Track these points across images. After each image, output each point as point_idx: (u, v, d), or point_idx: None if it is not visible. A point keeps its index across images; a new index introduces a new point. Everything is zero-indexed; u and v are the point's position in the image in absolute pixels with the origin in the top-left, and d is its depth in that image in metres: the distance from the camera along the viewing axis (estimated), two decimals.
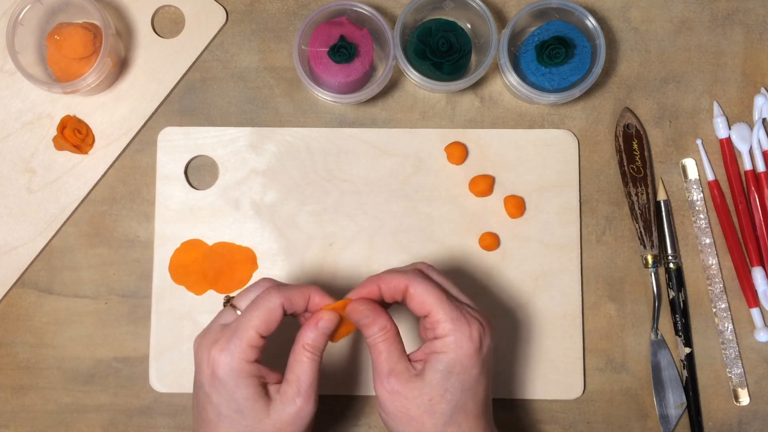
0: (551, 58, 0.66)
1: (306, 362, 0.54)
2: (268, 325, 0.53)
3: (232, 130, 0.70)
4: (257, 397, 0.53)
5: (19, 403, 0.68)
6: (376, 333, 0.55)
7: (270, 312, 0.53)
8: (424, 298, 0.54)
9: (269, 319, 0.53)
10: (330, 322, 0.55)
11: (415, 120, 0.71)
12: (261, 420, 0.53)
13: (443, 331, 0.53)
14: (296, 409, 0.53)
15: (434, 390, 0.53)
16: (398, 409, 0.53)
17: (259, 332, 0.53)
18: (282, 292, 0.54)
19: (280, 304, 0.54)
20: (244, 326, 0.53)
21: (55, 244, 0.70)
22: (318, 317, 0.55)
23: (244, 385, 0.53)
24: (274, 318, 0.54)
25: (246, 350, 0.53)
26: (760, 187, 0.69)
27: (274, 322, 0.54)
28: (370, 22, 0.67)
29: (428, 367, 0.53)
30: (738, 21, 0.72)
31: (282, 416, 0.53)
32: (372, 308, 0.55)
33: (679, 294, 0.69)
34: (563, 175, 0.70)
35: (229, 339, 0.53)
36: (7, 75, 0.70)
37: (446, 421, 0.53)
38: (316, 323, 0.54)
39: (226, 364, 0.53)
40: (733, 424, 0.68)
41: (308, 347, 0.54)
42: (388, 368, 0.54)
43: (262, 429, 0.53)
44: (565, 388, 0.68)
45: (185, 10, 0.71)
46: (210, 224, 0.69)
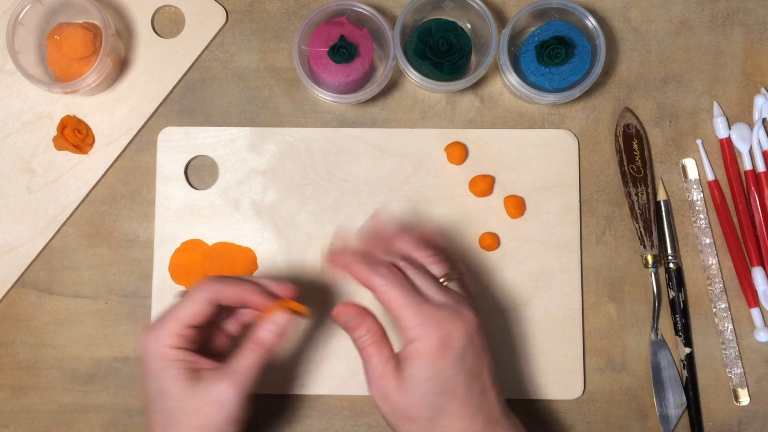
0: (551, 58, 0.66)
1: (249, 355, 0.55)
2: (195, 317, 0.55)
3: (232, 130, 0.70)
4: (180, 378, 0.54)
5: (19, 403, 0.68)
6: (363, 335, 0.55)
7: (195, 304, 0.55)
8: (390, 304, 0.54)
9: (195, 311, 0.55)
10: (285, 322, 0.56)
11: (415, 120, 0.71)
12: (183, 400, 0.54)
13: (409, 336, 0.54)
14: (219, 391, 0.54)
15: (413, 394, 0.54)
16: (390, 412, 0.55)
17: (185, 322, 0.55)
18: (213, 286, 0.56)
19: (206, 298, 0.55)
20: (171, 315, 0.55)
21: (55, 244, 0.70)
22: (274, 316, 0.56)
23: (167, 368, 0.54)
24: (199, 310, 0.55)
25: (170, 337, 0.54)
26: (760, 187, 0.69)
27: (201, 314, 0.55)
28: (370, 22, 0.67)
29: (406, 368, 0.54)
30: (738, 21, 0.72)
31: (204, 396, 0.54)
32: (357, 311, 0.56)
33: (679, 294, 0.69)
34: (563, 175, 0.70)
35: (156, 325, 0.55)
36: (7, 75, 0.70)
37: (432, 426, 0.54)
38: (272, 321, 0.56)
39: (151, 349, 0.55)
40: (733, 424, 0.68)
41: (258, 342, 0.55)
42: (379, 372, 0.54)
43: (185, 408, 0.54)
44: (565, 388, 0.68)
45: (185, 10, 0.71)
46: (210, 224, 0.69)
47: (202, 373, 0.55)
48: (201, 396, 0.54)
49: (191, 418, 0.54)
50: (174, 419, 0.54)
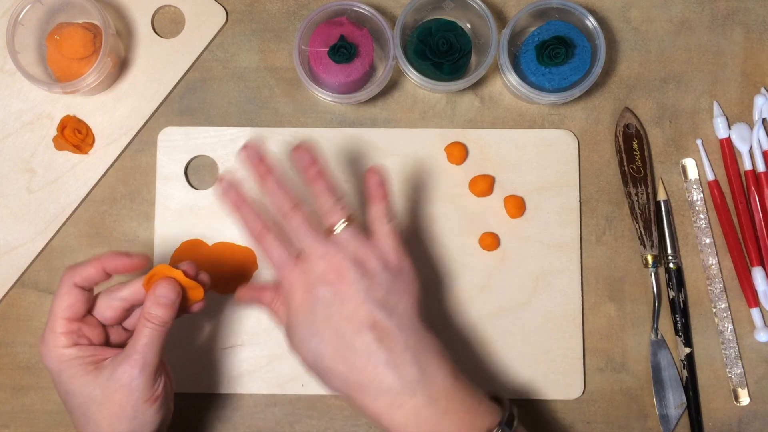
0: (551, 58, 0.66)
1: (145, 333, 0.54)
2: (70, 308, 0.55)
3: (232, 130, 0.70)
4: (80, 374, 0.54)
5: (19, 403, 0.68)
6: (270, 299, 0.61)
7: (65, 295, 0.55)
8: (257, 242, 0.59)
9: (68, 303, 0.55)
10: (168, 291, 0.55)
11: (415, 120, 0.71)
12: (90, 393, 0.54)
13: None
14: (121, 375, 0.53)
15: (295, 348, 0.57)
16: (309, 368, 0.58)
17: (64, 317, 0.54)
18: (72, 271, 0.55)
19: (71, 284, 0.55)
20: (51, 316, 0.55)
21: (55, 244, 0.70)
22: (156, 287, 0.55)
23: (65, 368, 0.54)
24: (72, 300, 0.55)
25: (58, 337, 0.54)
26: (760, 187, 0.69)
27: (75, 303, 0.55)
28: (370, 22, 0.67)
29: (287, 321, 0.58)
30: (738, 21, 0.72)
31: (108, 384, 0.54)
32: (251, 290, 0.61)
33: (679, 294, 0.69)
34: (563, 175, 0.70)
35: (44, 331, 0.55)
36: (7, 75, 0.70)
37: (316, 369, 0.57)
38: (155, 292, 0.55)
39: (45, 356, 0.55)
40: (733, 424, 0.68)
41: (149, 317, 0.54)
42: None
43: (94, 399, 0.54)
44: (565, 388, 0.68)
45: (185, 10, 0.71)
46: (210, 224, 0.69)
47: (104, 363, 0.55)
48: (105, 384, 0.54)
49: (103, 408, 0.54)
50: (88, 414, 0.54)
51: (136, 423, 0.54)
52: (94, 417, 0.54)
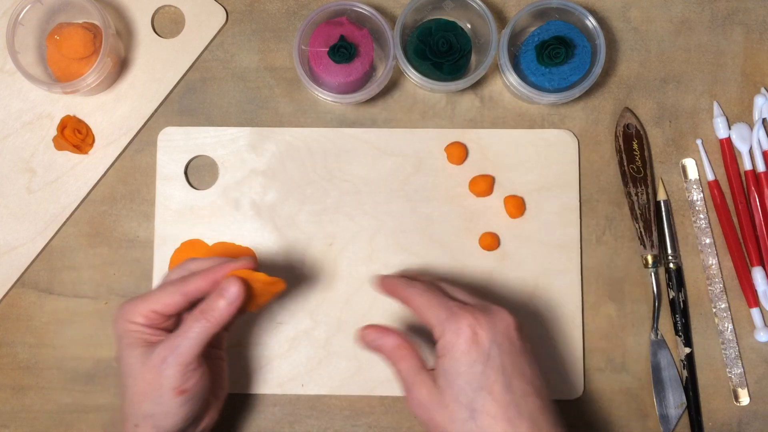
0: (551, 58, 0.66)
1: (191, 324, 0.55)
2: (165, 307, 0.56)
3: (232, 130, 0.70)
4: (134, 345, 0.55)
5: (19, 403, 0.68)
6: (391, 352, 0.56)
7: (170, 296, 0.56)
8: (420, 310, 0.56)
9: (166, 302, 0.56)
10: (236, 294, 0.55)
11: (415, 120, 0.71)
12: (133, 365, 0.55)
13: (437, 334, 0.55)
14: (156, 357, 0.54)
15: (446, 396, 0.53)
16: (427, 421, 0.54)
17: (153, 308, 0.56)
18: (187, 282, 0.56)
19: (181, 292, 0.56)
20: (144, 298, 0.56)
21: (55, 244, 0.70)
22: (225, 285, 0.56)
23: (125, 336, 0.56)
24: (173, 303, 0.56)
25: (134, 314, 0.56)
26: (760, 187, 0.69)
27: (173, 305, 0.56)
28: (370, 22, 0.67)
29: (438, 372, 0.54)
30: (738, 21, 0.72)
31: (146, 362, 0.55)
32: (379, 331, 0.57)
33: (679, 294, 0.69)
34: (563, 175, 0.70)
35: (130, 301, 0.57)
36: (7, 75, 0.70)
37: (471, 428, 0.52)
38: (221, 292, 0.55)
39: (116, 319, 0.57)
40: (733, 424, 0.68)
41: (203, 311, 0.55)
42: (411, 381, 0.55)
43: (133, 373, 0.55)
44: (565, 388, 0.68)
45: (185, 10, 0.71)
46: (210, 224, 0.69)
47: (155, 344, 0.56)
48: (144, 361, 0.55)
49: (136, 383, 0.55)
50: (126, 384, 0.56)
51: (158, 409, 0.55)
52: (129, 389, 0.56)
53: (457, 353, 0.53)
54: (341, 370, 0.68)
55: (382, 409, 0.68)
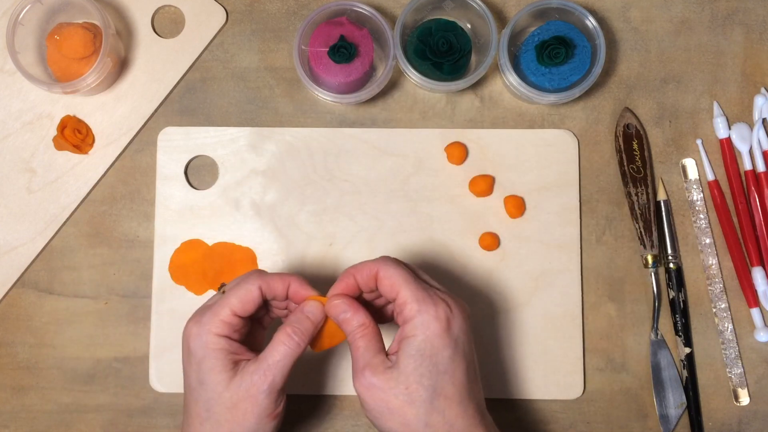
0: (551, 58, 0.66)
1: (279, 348, 0.55)
2: (244, 305, 0.55)
3: (232, 130, 0.70)
4: (220, 370, 0.54)
5: (19, 403, 0.68)
6: (354, 329, 0.55)
7: (247, 292, 0.55)
8: (392, 280, 0.55)
9: (245, 299, 0.55)
10: (316, 309, 0.56)
11: (415, 120, 0.71)
12: (220, 393, 0.54)
13: (410, 312, 0.54)
14: (252, 386, 0.54)
15: (409, 377, 0.53)
16: (378, 404, 0.53)
17: (234, 310, 0.55)
18: (262, 276, 0.56)
19: (257, 286, 0.56)
20: (221, 304, 0.55)
21: (55, 244, 0.70)
22: (305, 304, 0.56)
23: (211, 357, 0.54)
24: (250, 298, 0.55)
25: (217, 324, 0.55)
26: (760, 187, 0.69)
27: (251, 302, 0.55)
28: (370, 22, 0.67)
29: (401, 355, 0.53)
30: (738, 21, 0.72)
31: (238, 390, 0.54)
32: (350, 304, 0.56)
33: (679, 294, 0.69)
34: (563, 175, 0.70)
35: (203, 313, 0.55)
36: (7, 75, 0.70)
37: (427, 409, 0.53)
38: (302, 309, 0.56)
39: (196, 336, 0.55)
40: (733, 424, 0.68)
41: (291, 330, 0.55)
42: (363, 363, 0.54)
43: (222, 401, 0.54)
44: (565, 388, 0.68)
45: (185, 10, 0.71)
46: (210, 224, 0.69)
47: (240, 365, 0.55)
48: (236, 389, 0.54)
49: (227, 412, 0.54)
50: (212, 411, 0.54)
51: None
52: (217, 416, 0.54)
53: (431, 336, 0.53)
54: (341, 370, 0.68)
55: None
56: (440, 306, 0.54)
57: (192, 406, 0.55)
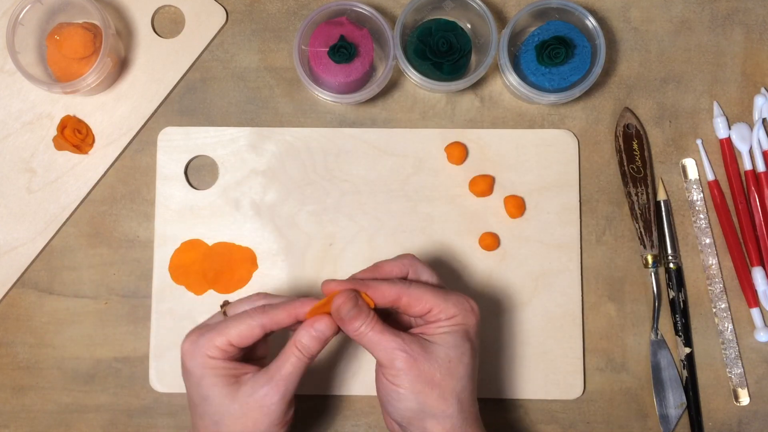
0: (551, 58, 0.66)
1: (292, 360, 0.55)
2: (242, 339, 0.55)
3: (232, 130, 0.70)
4: (223, 385, 0.54)
5: (19, 403, 0.68)
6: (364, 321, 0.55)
7: (248, 329, 0.55)
8: (421, 300, 0.55)
9: (244, 335, 0.55)
10: (327, 328, 0.55)
11: (415, 120, 0.71)
12: (228, 405, 0.54)
13: (450, 313, 0.55)
14: (263, 396, 0.54)
15: (452, 351, 0.55)
16: (418, 378, 0.54)
17: (231, 341, 0.55)
18: (267, 313, 0.55)
19: (260, 324, 0.55)
20: (219, 331, 0.55)
21: (55, 244, 0.70)
22: (315, 320, 0.55)
23: (209, 375, 0.55)
24: (250, 335, 0.55)
25: (212, 348, 0.55)
26: (760, 187, 0.69)
27: (250, 338, 0.55)
28: (370, 22, 0.67)
29: (440, 336, 0.55)
30: (738, 21, 0.72)
31: (248, 401, 0.54)
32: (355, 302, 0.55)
33: (679, 294, 0.69)
34: (563, 175, 0.70)
35: (201, 334, 0.55)
36: (7, 75, 0.70)
37: (464, 385, 0.55)
38: (312, 325, 0.55)
39: (191, 356, 0.55)
40: (733, 424, 0.68)
41: (300, 346, 0.55)
42: (397, 343, 0.54)
43: (230, 412, 0.54)
44: (565, 388, 0.68)
45: (185, 10, 0.71)
46: (210, 224, 0.69)
47: (243, 378, 0.55)
48: (245, 401, 0.54)
49: (238, 422, 0.54)
50: (221, 424, 0.55)
51: None
52: (228, 429, 0.55)
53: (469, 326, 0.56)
54: (341, 370, 0.68)
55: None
56: (472, 302, 0.57)
57: (198, 422, 0.56)
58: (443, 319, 0.55)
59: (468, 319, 0.56)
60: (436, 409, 0.54)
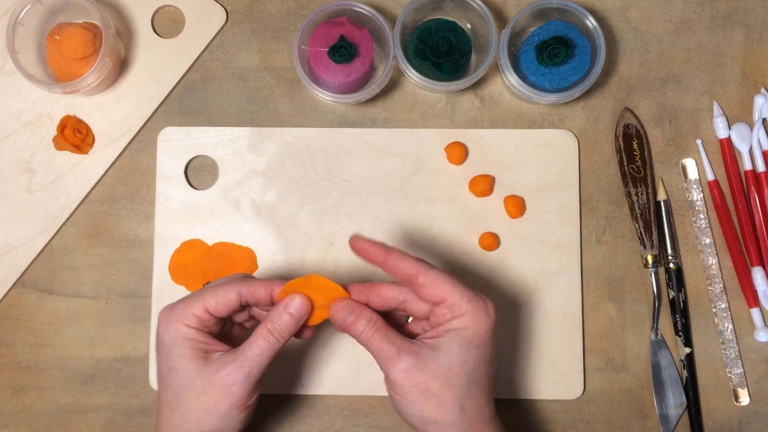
0: (551, 58, 0.66)
1: (259, 342, 0.55)
2: (218, 306, 0.55)
3: (232, 130, 0.70)
4: (191, 358, 0.54)
5: (19, 403, 0.68)
6: (364, 327, 0.55)
7: (225, 295, 0.55)
8: (438, 286, 0.54)
9: (221, 301, 0.55)
10: (301, 306, 0.55)
11: (415, 120, 0.71)
12: (192, 380, 0.54)
13: (461, 310, 0.54)
14: (226, 375, 0.54)
15: (453, 359, 0.53)
16: (416, 386, 0.53)
17: (207, 308, 0.55)
18: (245, 282, 0.56)
19: (237, 291, 0.55)
20: (196, 297, 0.55)
21: (55, 244, 0.70)
22: (288, 300, 0.55)
23: (180, 345, 0.54)
24: (226, 302, 0.55)
25: (188, 316, 0.55)
26: (760, 187, 0.69)
27: (226, 305, 0.55)
28: (370, 22, 0.67)
29: (445, 341, 0.54)
30: (738, 21, 0.72)
31: (212, 378, 0.54)
32: (352, 305, 0.55)
33: (679, 294, 0.69)
34: (563, 175, 0.70)
35: (177, 303, 0.55)
36: (7, 75, 0.70)
37: (465, 393, 0.54)
38: (285, 305, 0.55)
39: (165, 323, 0.55)
40: (733, 424, 0.68)
41: (270, 327, 0.55)
42: (395, 349, 0.54)
43: (193, 388, 0.54)
44: (565, 388, 0.68)
45: (185, 10, 0.71)
46: (210, 224, 0.69)
47: (212, 356, 0.55)
48: (209, 378, 0.54)
49: (198, 399, 0.54)
50: (182, 398, 0.54)
51: (223, 423, 0.55)
52: (187, 404, 0.54)
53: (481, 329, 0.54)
54: (341, 370, 0.68)
55: (382, 409, 0.68)
56: (489, 303, 0.55)
57: (163, 393, 0.56)
58: (449, 318, 0.54)
59: (479, 321, 0.54)
60: (435, 417, 0.54)
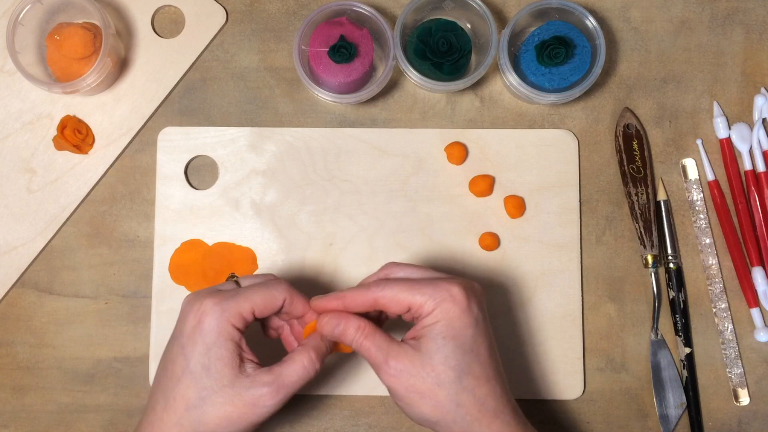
0: (551, 58, 0.66)
1: (299, 370, 0.54)
2: (264, 308, 0.54)
3: (232, 130, 0.70)
4: (227, 363, 0.53)
5: (19, 403, 0.68)
6: (354, 335, 0.54)
7: (272, 298, 0.55)
8: (397, 299, 0.54)
9: (268, 303, 0.54)
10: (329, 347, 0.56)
11: (415, 120, 0.71)
12: (224, 386, 0.53)
13: (428, 308, 0.53)
14: (261, 396, 0.53)
15: (434, 358, 0.53)
16: (408, 390, 0.53)
17: (254, 308, 0.54)
18: (290, 291, 0.56)
19: (284, 297, 0.55)
20: (244, 296, 0.54)
21: (55, 244, 0.70)
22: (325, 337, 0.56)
23: (222, 344, 0.53)
24: (272, 304, 0.55)
25: (236, 315, 0.53)
26: (760, 187, 0.69)
27: (271, 308, 0.55)
28: (370, 22, 0.67)
29: (423, 339, 0.53)
30: (738, 21, 0.72)
31: (243, 393, 0.53)
32: (338, 315, 0.55)
33: (679, 294, 0.69)
34: (563, 175, 0.70)
35: (226, 298, 0.54)
36: (7, 75, 0.70)
37: (457, 390, 0.53)
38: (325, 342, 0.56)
39: (214, 318, 0.53)
40: (733, 424, 0.68)
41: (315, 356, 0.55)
42: (383, 355, 0.54)
43: (222, 393, 0.53)
44: (565, 388, 0.68)
45: (185, 10, 0.71)
46: (210, 224, 0.69)
47: (246, 366, 0.54)
48: (239, 391, 0.53)
49: (223, 408, 0.53)
50: (206, 400, 0.53)
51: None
52: (208, 409, 0.53)
53: (452, 318, 0.53)
54: (341, 370, 0.68)
55: (382, 409, 0.68)
56: (454, 288, 0.54)
57: (181, 389, 0.53)
58: (424, 316, 0.54)
59: (446, 312, 0.53)
60: (436, 417, 0.53)
